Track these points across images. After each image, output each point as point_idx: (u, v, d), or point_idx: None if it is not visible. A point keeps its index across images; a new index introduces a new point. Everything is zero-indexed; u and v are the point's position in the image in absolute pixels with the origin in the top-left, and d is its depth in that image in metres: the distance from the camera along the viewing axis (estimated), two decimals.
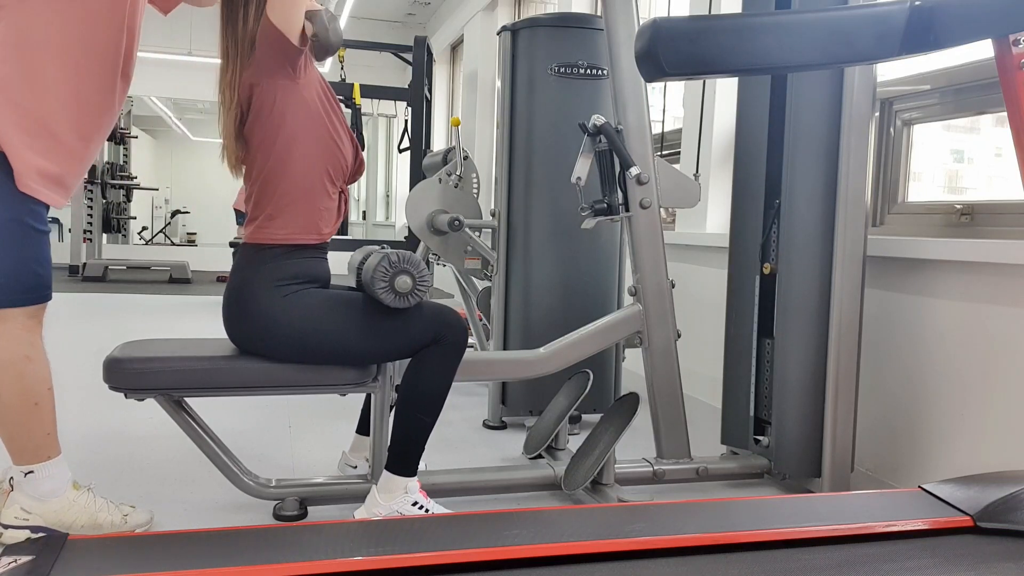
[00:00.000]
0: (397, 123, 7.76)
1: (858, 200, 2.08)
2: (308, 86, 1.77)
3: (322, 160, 1.78)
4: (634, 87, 2.18)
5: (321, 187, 1.79)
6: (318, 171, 1.78)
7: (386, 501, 1.78)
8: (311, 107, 1.77)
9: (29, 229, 1.60)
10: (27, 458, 1.67)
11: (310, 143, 1.76)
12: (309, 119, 1.76)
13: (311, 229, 1.78)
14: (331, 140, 1.80)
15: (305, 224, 1.77)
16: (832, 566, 1.39)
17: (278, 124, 1.74)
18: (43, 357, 1.67)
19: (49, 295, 1.67)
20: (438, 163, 3.63)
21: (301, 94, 1.75)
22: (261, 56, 1.72)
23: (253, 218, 1.79)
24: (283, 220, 1.75)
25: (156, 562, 1.30)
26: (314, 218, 1.79)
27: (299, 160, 1.76)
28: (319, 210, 1.79)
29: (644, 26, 1.45)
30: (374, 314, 1.78)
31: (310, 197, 1.77)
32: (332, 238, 1.86)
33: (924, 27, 1.47)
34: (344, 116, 1.87)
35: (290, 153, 1.75)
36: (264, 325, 1.74)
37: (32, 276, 1.61)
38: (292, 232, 1.76)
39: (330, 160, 1.80)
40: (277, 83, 1.72)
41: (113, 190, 8.49)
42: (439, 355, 1.80)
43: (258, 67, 1.73)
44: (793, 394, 2.17)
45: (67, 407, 2.82)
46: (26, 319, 1.62)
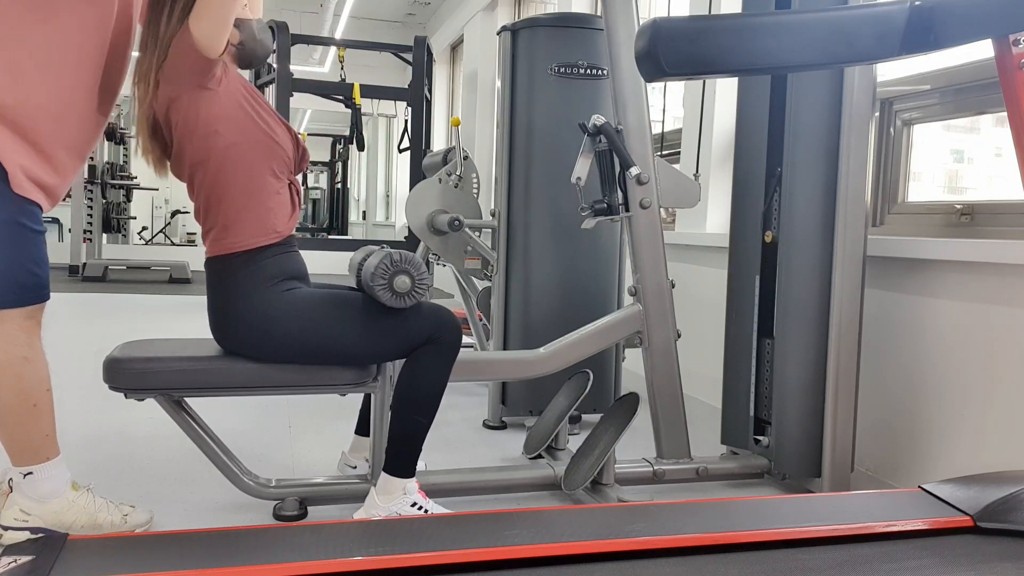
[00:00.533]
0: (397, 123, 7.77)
1: (858, 200, 2.08)
2: (229, 92, 1.72)
3: (262, 161, 1.74)
4: (634, 87, 2.18)
5: (267, 187, 1.75)
6: (260, 172, 1.74)
7: (385, 503, 1.78)
8: (238, 112, 1.72)
9: (25, 229, 1.59)
10: (26, 459, 1.67)
11: (246, 148, 1.72)
12: (239, 125, 1.72)
13: (267, 230, 1.75)
14: (266, 138, 1.75)
15: (259, 227, 1.74)
16: (832, 566, 1.40)
17: (209, 138, 1.69)
18: (41, 358, 1.66)
19: (47, 295, 1.66)
20: (438, 163, 3.63)
21: (223, 102, 1.70)
22: (174, 67, 1.66)
23: (207, 231, 1.76)
24: (237, 228, 1.72)
25: (156, 562, 1.30)
26: (267, 219, 1.75)
27: (239, 168, 1.72)
28: (270, 209, 1.76)
29: (644, 26, 1.45)
30: (372, 313, 1.78)
31: (258, 200, 1.74)
32: (331, 237, 1.86)
33: (924, 27, 1.47)
34: (271, 108, 1.82)
35: (228, 163, 1.71)
36: (255, 332, 1.73)
37: (29, 276, 1.61)
38: (248, 236, 1.73)
39: (270, 158, 1.76)
40: (197, 95, 1.67)
41: (113, 190, 8.48)
42: (434, 355, 1.79)
43: (172, 77, 1.67)
44: (793, 394, 2.17)
45: (67, 407, 2.82)
46: (23, 320, 1.62)
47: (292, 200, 1.83)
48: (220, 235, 1.74)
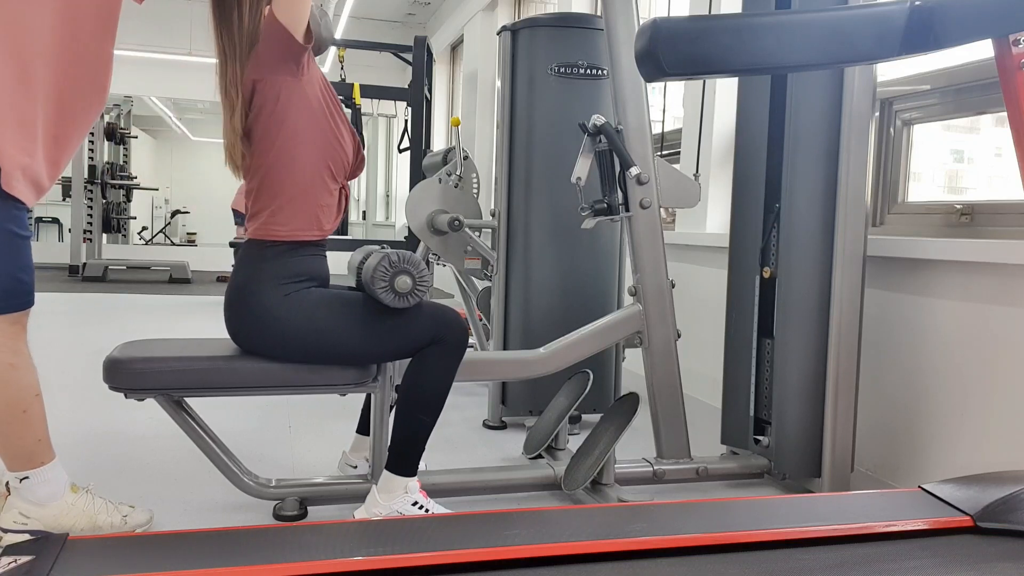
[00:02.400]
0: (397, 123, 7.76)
1: (858, 200, 2.08)
2: (311, 83, 1.78)
3: (324, 156, 1.79)
4: (634, 87, 2.18)
5: (323, 183, 1.80)
6: (320, 167, 1.79)
7: (386, 501, 1.78)
8: (313, 104, 1.77)
9: (11, 235, 1.57)
10: (21, 464, 1.66)
11: (312, 139, 1.77)
12: (311, 116, 1.77)
13: (313, 225, 1.79)
14: (333, 136, 1.80)
15: (307, 220, 1.78)
16: (832, 566, 1.39)
17: (280, 121, 1.74)
18: (29, 364, 1.65)
19: (31, 301, 1.64)
20: (438, 163, 3.63)
21: (304, 91, 1.76)
22: (265, 53, 1.72)
23: (255, 214, 1.79)
24: (286, 216, 1.76)
25: (156, 562, 1.30)
26: (316, 214, 1.79)
27: (301, 156, 1.76)
28: (321, 206, 1.80)
29: (644, 26, 1.45)
30: (374, 314, 1.78)
31: (312, 193, 1.78)
32: (331, 237, 1.86)
33: (924, 27, 1.47)
34: (344, 113, 1.88)
35: (292, 149, 1.75)
36: (265, 323, 1.74)
37: (14, 283, 1.59)
38: (295, 228, 1.76)
39: (331, 156, 1.80)
40: (280, 80, 1.73)
41: (113, 190, 8.48)
42: (439, 355, 1.80)
43: (261, 64, 1.73)
44: (793, 394, 2.17)
45: (67, 407, 2.84)
46: (8, 326, 1.60)
47: (340, 204, 1.87)
48: (268, 219, 1.76)
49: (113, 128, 8.43)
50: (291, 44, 1.69)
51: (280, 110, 1.73)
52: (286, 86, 1.73)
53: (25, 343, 1.65)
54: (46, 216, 12.17)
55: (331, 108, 1.82)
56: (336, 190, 1.84)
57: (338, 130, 1.82)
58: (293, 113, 1.74)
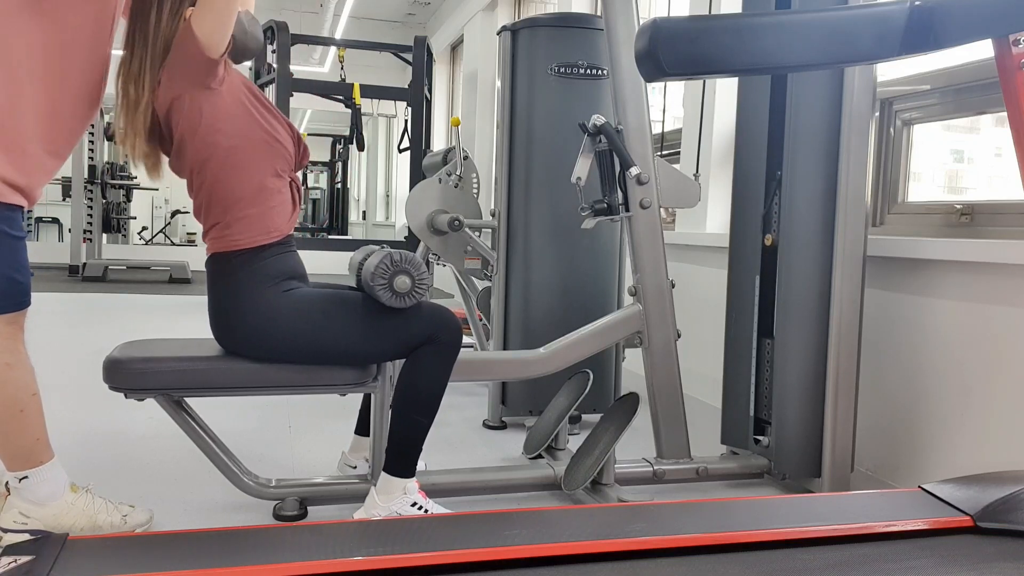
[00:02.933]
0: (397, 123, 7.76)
1: (858, 200, 2.08)
2: (231, 91, 1.71)
3: (264, 160, 1.74)
4: (634, 87, 2.18)
5: (269, 186, 1.75)
6: (262, 172, 1.74)
7: (385, 502, 1.78)
8: (240, 111, 1.72)
9: (6, 236, 1.58)
10: (19, 464, 1.66)
11: (248, 148, 1.72)
12: (242, 124, 1.71)
13: (269, 229, 1.75)
14: (268, 137, 1.75)
15: (261, 226, 1.74)
16: (832, 566, 1.39)
17: (212, 137, 1.69)
18: (25, 363, 1.65)
19: (28, 301, 1.64)
20: (438, 163, 3.63)
21: (226, 101, 1.70)
22: (177, 65, 1.65)
23: (209, 228, 1.76)
24: (239, 227, 1.72)
25: (156, 562, 1.30)
26: (269, 217, 1.75)
27: (241, 167, 1.71)
28: (272, 208, 1.76)
29: (644, 26, 1.45)
30: (372, 313, 1.78)
31: (260, 199, 1.74)
32: (331, 237, 1.86)
33: (924, 27, 1.47)
34: (272, 104, 1.81)
35: (230, 163, 1.71)
36: (256, 332, 1.73)
37: (9, 283, 1.59)
38: (252, 236, 1.73)
39: (271, 156, 1.75)
40: (198, 94, 1.66)
41: (113, 190, 8.48)
42: (434, 354, 1.79)
43: (173, 76, 1.66)
44: (793, 394, 2.17)
45: (67, 407, 2.83)
46: (5, 326, 1.60)
47: (293, 198, 1.83)
48: (221, 233, 1.74)
49: (113, 128, 8.43)
50: (206, 61, 1.63)
51: (206, 126, 1.68)
52: (206, 100, 1.67)
53: (22, 343, 1.65)
54: (46, 216, 12.16)
55: (260, 109, 1.76)
56: (284, 187, 1.79)
57: (271, 128, 1.76)
58: (221, 125, 1.69)
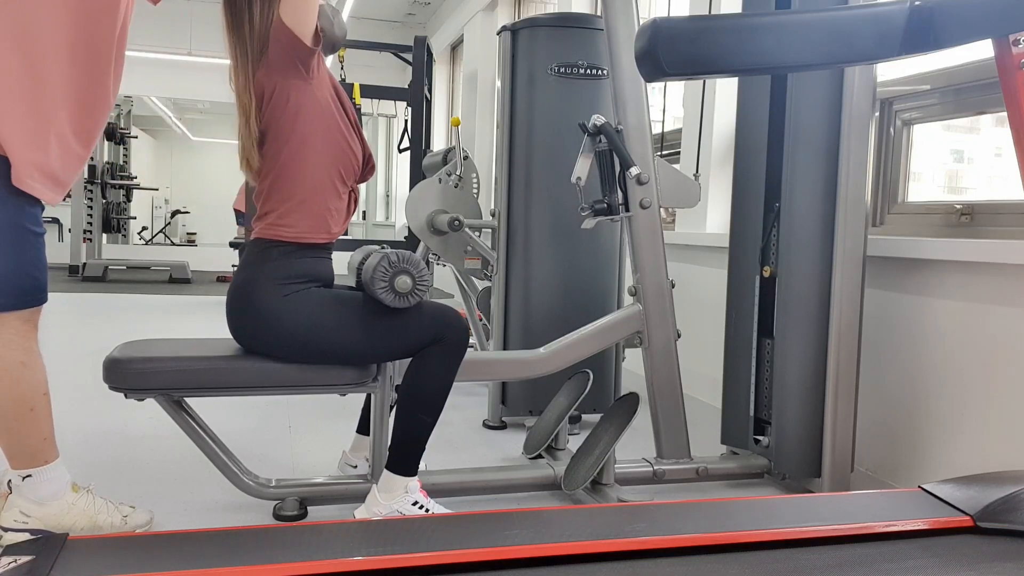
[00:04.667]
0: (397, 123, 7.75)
1: (858, 200, 2.08)
2: (321, 86, 1.78)
3: (333, 160, 1.79)
4: (634, 87, 2.18)
5: (332, 186, 1.80)
6: (329, 171, 1.79)
7: (386, 500, 1.78)
8: (323, 107, 1.77)
9: (26, 232, 1.58)
10: (24, 462, 1.66)
11: (322, 143, 1.77)
12: (321, 119, 1.77)
13: (321, 228, 1.79)
14: (342, 140, 1.80)
15: (315, 223, 1.78)
16: (832, 566, 1.39)
17: (291, 124, 1.74)
18: (38, 362, 1.65)
19: (44, 298, 1.65)
20: (438, 163, 3.64)
21: (314, 94, 1.76)
22: (274, 57, 1.72)
23: (263, 214, 1.79)
24: (294, 218, 1.76)
25: (156, 562, 1.30)
26: (324, 217, 1.79)
27: (311, 160, 1.76)
28: (329, 209, 1.80)
29: (644, 26, 1.45)
30: (374, 314, 1.78)
31: (321, 196, 1.78)
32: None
33: (924, 27, 1.47)
34: (354, 115, 1.87)
35: (302, 153, 1.75)
36: (266, 322, 1.74)
37: (28, 280, 1.59)
38: (302, 231, 1.76)
39: (341, 160, 1.81)
40: (290, 83, 1.73)
41: (113, 190, 8.48)
42: (440, 355, 1.80)
43: (270, 67, 1.73)
44: (793, 394, 2.17)
45: (67, 407, 2.83)
46: (21, 324, 1.60)
47: (349, 207, 1.87)
48: (276, 220, 1.77)
49: (113, 128, 8.43)
50: (298, 47, 1.69)
51: (291, 114, 1.73)
52: (296, 89, 1.73)
53: (36, 341, 1.65)
54: (46, 216, 12.12)
55: (342, 111, 1.82)
56: (345, 193, 1.85)
57: (348, 133, 1.82)
58: (304, 117, 1.74)
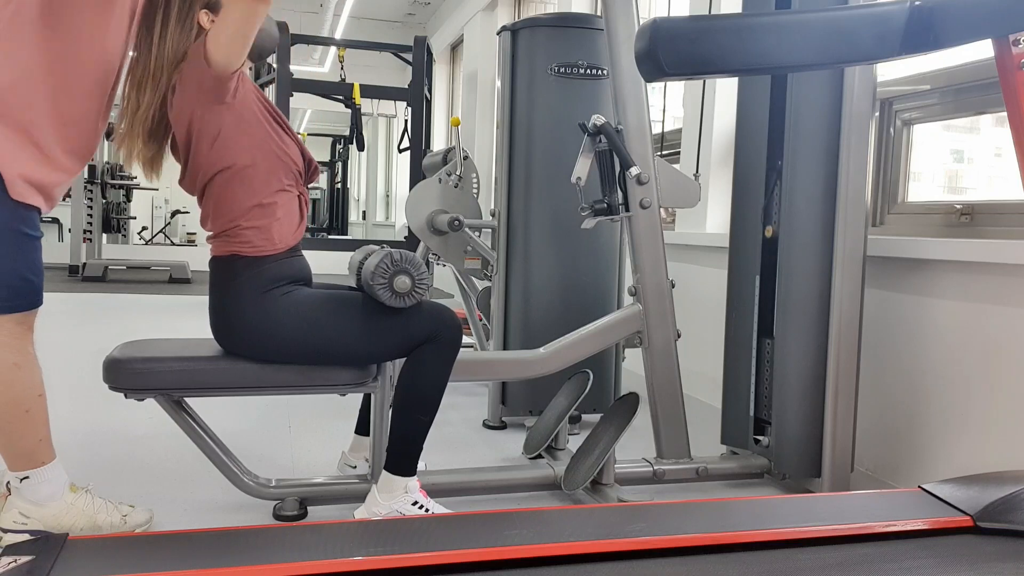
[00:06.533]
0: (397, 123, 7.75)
1: (858, 200, 2.08)
2: (245, 102, 1.72)
3: (273, 172, 1.75)
4: (634, 87, 2.18)
5: (276, 200, 1.76)
6: (271, 184, 1.75)
7: (386, 501, 1.78)
8: (254, 127, 1.73)
9: (22, 236, 1.58)
10: (22, 464, 1.66)
11: (259, 163, 1.73)
12: (254, 138, 1.72)
13: (275, 239, 1.75)
14: (278, 149, 1.76)
15: (266, 237, 1.74)
16: (832, 566, 1.39)
17: (225, 152, 1.70)
18: (33, 364, 1.65)
19: (39, 301, 1.64)
20: (438, 163, 3.64)
21: (241, 114, 1.71)
22: (190, 81, 1.66)
23: (215, 235, 1.77)
24: (244, 237, 1.73)
25: (156, 562, 1.30)
26: (275, 230, 1.76)
27: (250, 182, 1.73)
28: (278, 219, 1.76)
29: (644, 26, 1.45)
30: (374, 313, 1.78)
31: (267, 211, 1.74)
32: (331, 237, 1.86)
33: (924, 27, 1.47)
34: (280, 114, 1.82)
35: (240, 177, 1.72)
36: (256, 334, 1.73)
37: (23, 283, 1.59)
38: (258, 245, 1.73)
39: (279, 169, 1.76)
40: (214, 110, 1.67)
41: (113, 190, 8.48)
42: (434, 353, 1.79)
43: (188, 93, 1.67)
44: (793, 394, 2.17)
45: (67, 407, 2.83)
46: (15, 326, 1.60)
47: (300, 211, 1.84)
48: (228, 239, 1.75)
49: (113, 128, 8.43)
50: (217, 78, 1.63)
51: (222, 142, 1.69)
52: (223, 115, 1.68)
53: (31, 343, 1.65)
54: (46, 216, 12.13)
55: (271, 121, 1.77)
56: (292, 200, 1.81)
57: (282, 141, 1.77)
58: (234, 138, 1.70)
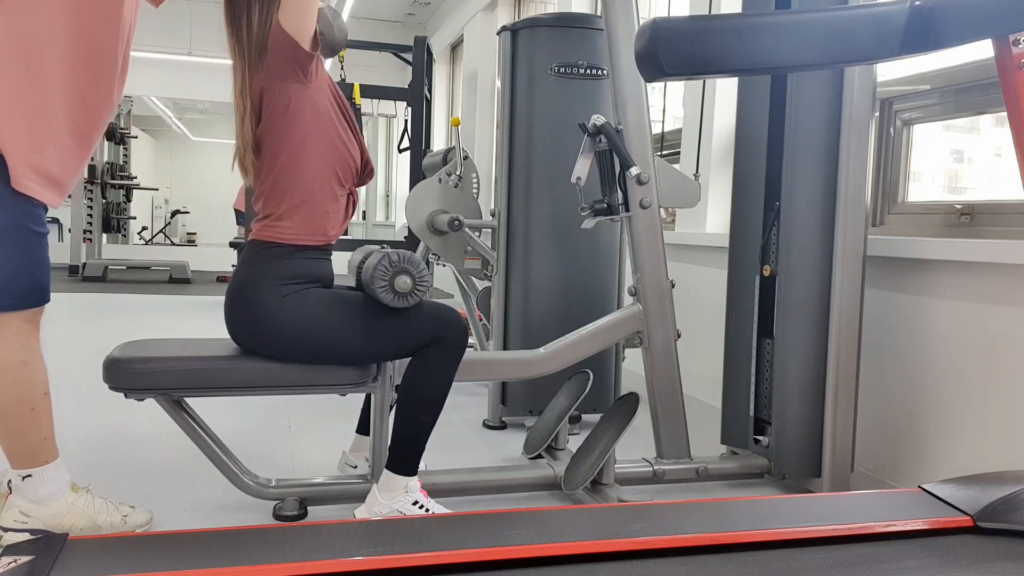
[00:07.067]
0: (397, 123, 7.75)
1: (858, 200, 2.08)
2: (320, 89, 1.78)
3: (332, 163, 1.80)
4: (634, 87, 2.18)
5: (330, 189, 1.80)
6: (327, 174, 1.79)
7: (387, 500, 1.78)
8: (322, 110, 1.78)
9: (28, 232, 1.58)
10: (24, 462, 1.66)
11: (321, 146, 1.77)
12: (320, 122, 1.77)
13: (318, 231, 1.79)
14: (340, 143, 1.81)
15: (312, 226, 1.78)
16: (832, 566, 1.39)
17: (290, 127, 1.75)
18: (40, 362, 1.65)
19: (47, 298, 1.65)
20: (438, 163, 3.64)
21: (313, 98, 1.76)
22: (273, 61, 1.72)
23: (262, 216, 1.80)
24: (291, 221, 1.77)
25: (156, 562, 1.30)
26: (322, 220, 1.80)
27: (309, 163, 1.77)
28: (327, 212, 1.80)
29: (644, 26, 1.45)
30: (374, 314, 1.78)
31: (319, 199, 1.79)
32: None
33: (924, 27, 1.47)
34: (353, 119, 1.88)
35: (301, 156, 1.76)
36: (265, 323, 1.74)
37: (30, 279, 1.59)
38: (299, 233, 1.77)
39: (339, 163, 1.81)
40: (289, 87, 1.73)
41: (113, 190, 8.49)
42: (439, 355, 1.80)
43: (270, 72, 1.73)
44: (793, 394, 2.17)
45: (67, 407, 2.83)
46: (22, 323, 1.60)
47: (347, 209, 1.87)
48: (273, 222, 1.78)
49: (113, 128, 8.43)
50: (297, 52, 1.69)
51: (290, 118, 1.74)
52: (295, 93, 1.74)
53: (37, 341, 1.65)
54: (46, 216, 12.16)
55: (340, 115, 1.83)
56: (343, 196, 1.85)
57: (347, 137, 1.83)
58: (302, 120, 1.75)
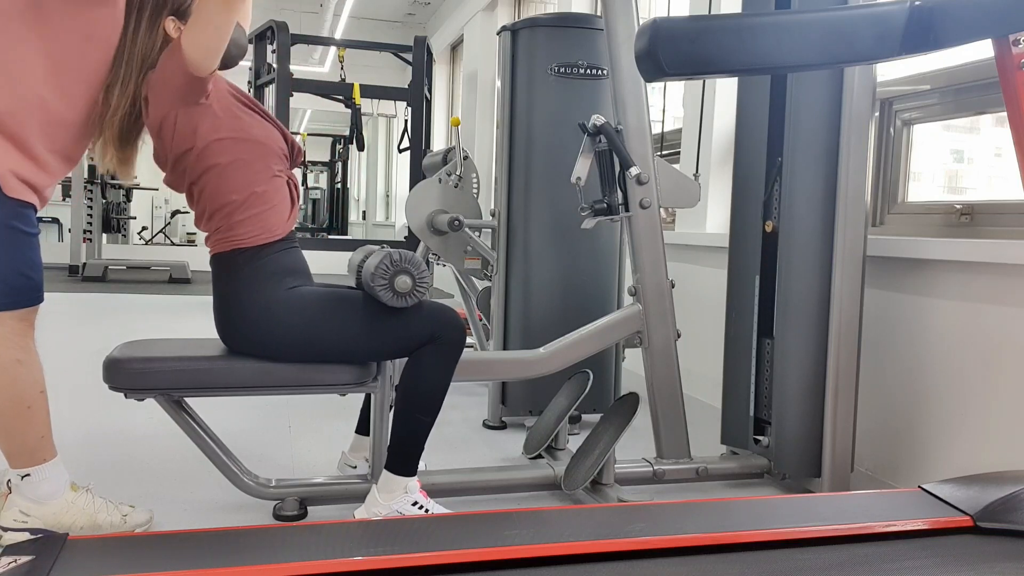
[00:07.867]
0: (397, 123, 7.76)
1: (858, 200, 2.08)
2: (220, 101, 1.73)
3: (257, 160, 1.75)
4: (634, 87, 2.18)
5: (264, 187, 1.76)
6: (258, 172, 1.75)
7: (386, 500, 1.78)
8: (231, 123, 1.73)
9: (18, 233, 1.59)
10: (23, 461, 1.66)
11: (241, 151, 1.73)
12: (232, 132, 1.72)
13: (273, 225, 1.76)
14: (261, 142, 1.76)
15: (265, 223, 1.75)
16: (832, 566, 1.39)
17: (208, 155, 1.70)
18: (35, 360, 1.66)
19: (40, 298, 1.66)
20: (438, 163, 3.64)
21: (218, 114, 1.71)
22: (162, 84, 1.66)
23: (213, 232, 1.77)
24: (243, 227, 1.74)
25: (156, 562, 1.30)
26: (270, 216, 1.76)
27: (238, 171, 1.73)
28: (273, 207, 1.77)
29: (644, 26, 1.45)
30: (373, 313, 1.78)
31: (258, 201, 1.75)
32: (331, 237, 1.86)
33: (924, 27, 1.47)
34: (259, 105, 1.82)
35: (227, 169, 1.72)
36: (258, 329, 1.74)
37: (22, 279, 1.60)
38: (256, 234, 1.74)
39: (265, 156, 1.77)
40: (190, 112, 1.68)
41: (113, 190, 8.48)
42: (437, 354, 1.79)
43: (161, 96, 1.67)
44: (793, 394, 2.17)
45: (67, 407, 2.83)
46: (16, 322, 1.61)
47: (291, 197, 1.84)
48: (223, 236, 1.76)
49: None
50: (192, 80, 1.64)
51: (202, 143, 1.70)
52: (198, 114, 1.69)
53: (32, 340, 1.66)
54: (46, 216, 12.14)
55: (247, 112, 1.77)
56: (282, 186, 1.81)
57: (261, 128, 1.78)
58: (215, 141, 1.70)
